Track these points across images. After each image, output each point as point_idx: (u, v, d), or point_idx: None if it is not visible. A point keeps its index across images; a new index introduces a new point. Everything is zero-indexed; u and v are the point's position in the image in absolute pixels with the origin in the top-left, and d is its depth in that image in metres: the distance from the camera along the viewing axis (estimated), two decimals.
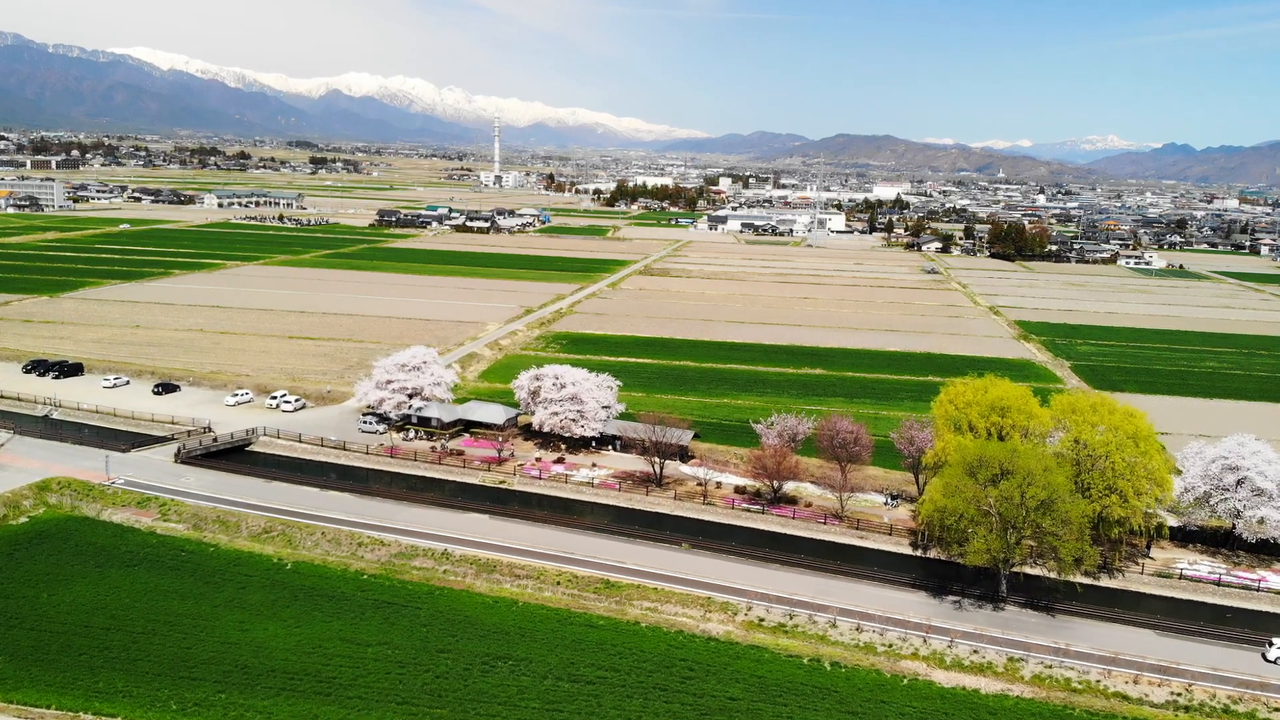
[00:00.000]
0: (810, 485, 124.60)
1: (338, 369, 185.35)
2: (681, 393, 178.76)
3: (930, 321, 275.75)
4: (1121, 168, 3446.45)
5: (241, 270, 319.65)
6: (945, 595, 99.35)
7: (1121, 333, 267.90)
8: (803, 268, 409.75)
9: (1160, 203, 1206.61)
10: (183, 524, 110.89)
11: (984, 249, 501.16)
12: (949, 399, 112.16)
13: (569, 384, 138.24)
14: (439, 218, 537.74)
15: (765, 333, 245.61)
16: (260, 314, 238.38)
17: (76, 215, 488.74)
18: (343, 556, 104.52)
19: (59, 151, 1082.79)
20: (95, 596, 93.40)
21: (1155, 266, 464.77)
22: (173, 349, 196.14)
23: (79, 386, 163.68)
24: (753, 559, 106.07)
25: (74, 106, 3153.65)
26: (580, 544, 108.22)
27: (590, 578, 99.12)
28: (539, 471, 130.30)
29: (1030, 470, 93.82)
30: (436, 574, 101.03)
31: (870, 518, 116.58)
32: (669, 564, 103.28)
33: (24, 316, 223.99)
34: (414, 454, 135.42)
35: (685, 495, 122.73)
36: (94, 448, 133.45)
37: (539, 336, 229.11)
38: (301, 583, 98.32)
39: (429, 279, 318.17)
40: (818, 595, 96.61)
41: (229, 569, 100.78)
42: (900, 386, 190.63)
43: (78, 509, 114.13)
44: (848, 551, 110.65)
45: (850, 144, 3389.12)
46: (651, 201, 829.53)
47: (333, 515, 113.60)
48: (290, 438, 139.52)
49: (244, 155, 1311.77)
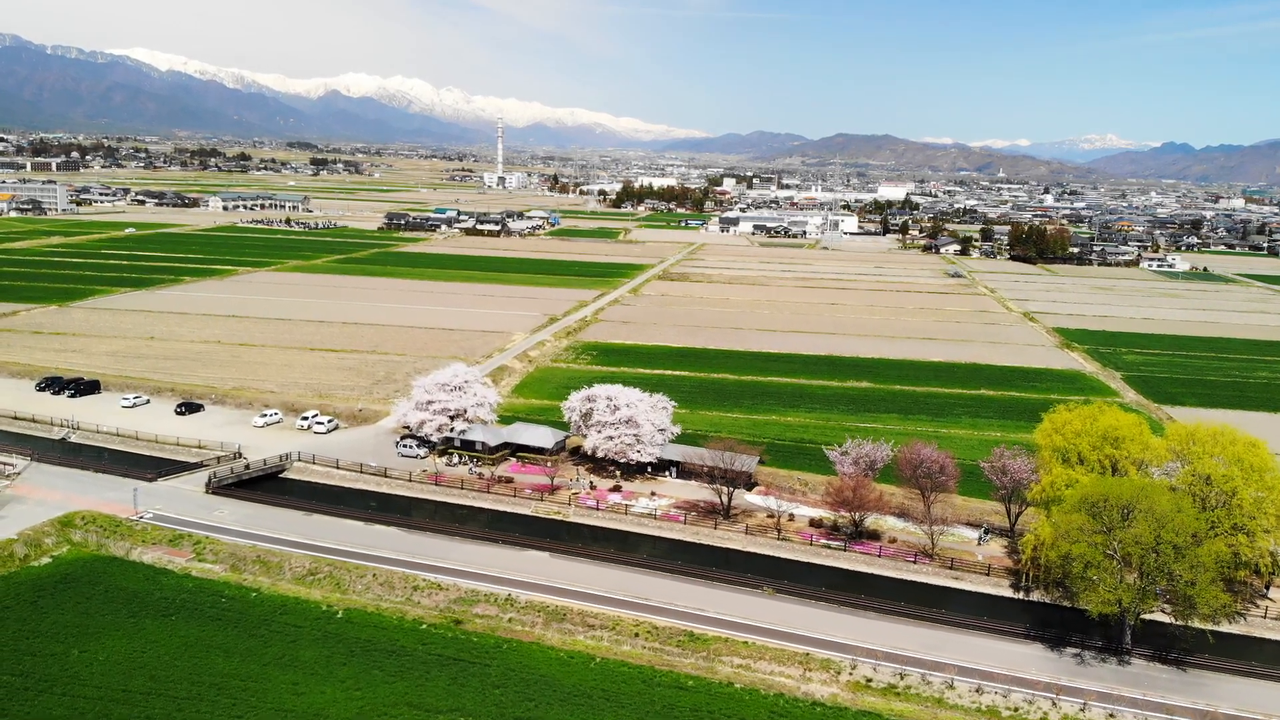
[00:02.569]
0: (892, 518, 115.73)
1: (365, 384, 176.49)
2: (725, 409, 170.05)
3: (966, 329, 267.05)
4: (1121, 167, 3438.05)
5: (254, 277, 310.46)
6: (1064, 647, 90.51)
7: (1164, 340, 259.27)
8: (823, 271, 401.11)
9: (1166, 202, 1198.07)
10: (220, 565, 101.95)
11: (1003, 251, 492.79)
12: (1054, 428, 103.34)
13: (623, 405, 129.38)
14: (448, 220, 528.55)
15: (800, 342, 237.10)
16: (278, 324, 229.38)
17: (80, 219, 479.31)
18: (397, 602, 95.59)
19: (59, 153, 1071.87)
20: (131, 652, 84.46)
21: (1178, 269, 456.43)
22: (190, 362, 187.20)
23: (96, 406, 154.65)
24: (844, 605, 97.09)
25: (72, 107, 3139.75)
26: (653, 587, 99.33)
27: (671, 629, 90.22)
28: (595, 501, 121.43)
29: (1161, 510, 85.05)
30: (502, 623, 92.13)
31: (963, 555, 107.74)
32: (754, 612, 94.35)
33: (33, 327, 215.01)
34: (460, 481, 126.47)
35: (757, 529, 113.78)
36: (118, 476, 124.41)
37: (568, 347, 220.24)
38: (356, 634, 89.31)
39: (446, 285, 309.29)
40: (926, 649, 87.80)
41: (275, 618, 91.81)
42: (954, 401, 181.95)
43: (104, 547, 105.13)
44: (942, 595, 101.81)
45: (849, 143, 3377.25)
46: (658, 203, 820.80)
47: (382, 554, 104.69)
48: (327, 463, 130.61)
49: (244, 156, 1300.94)
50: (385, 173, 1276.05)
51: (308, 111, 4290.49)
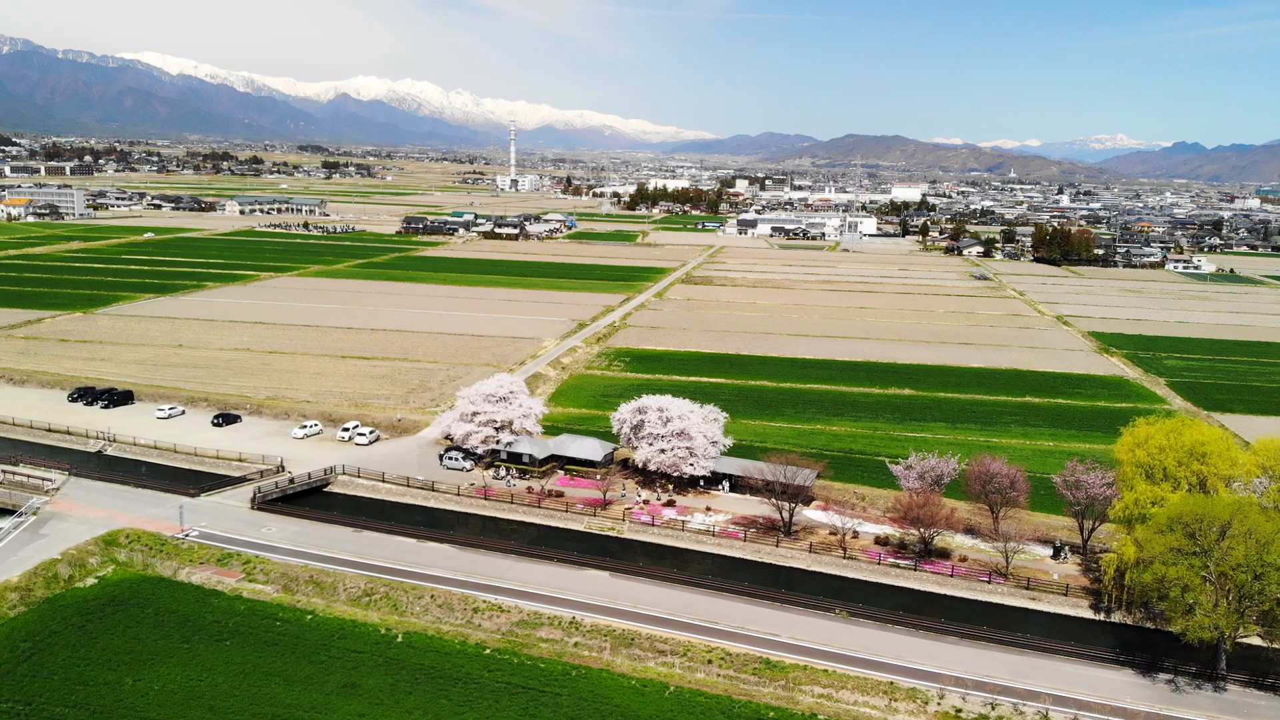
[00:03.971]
0: (960, 535, 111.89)
1: (400, 393, 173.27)
2: (767, 418, 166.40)
3: (1001, 333, 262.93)
4: (1132, 166, 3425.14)
5: (276, 282, 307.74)
6: (1155, 673, 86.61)
7: (1202, 344, 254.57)
8: (847, 274, 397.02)
9: (1182, 202, 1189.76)
10: (271, 585, 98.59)
11: (1026, 253, 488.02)
12: (1136, 442, 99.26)
13: (674, 417, 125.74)
14: (465, 224, 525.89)
15: (833, 347, 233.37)
16: (306, 330, 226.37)
17: (98, 224, 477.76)
18: (458, 625, 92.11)
19: (71, 157, 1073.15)
20: (186, 681, 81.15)
21: (1204, 271, 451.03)
22: (221, 371, 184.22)
23: (131, 417, 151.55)
24: (921, 629, 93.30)
25: (84, 111, 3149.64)
26: (721, 610, 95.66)
27: (745, 655, 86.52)
28: (650, 517, 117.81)
29: (1262, 531, 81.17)
30: (568, 648, 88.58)
31: (1038, 574, 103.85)
32: (830, 636, 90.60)
33: (59, 335, 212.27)
34: (509, 495, 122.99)
35: (820, 546, 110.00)
36: (159, 491, 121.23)
37: (600, 354, 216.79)
38: (419, 660, 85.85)
39: (470, 290, 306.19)
40: (1014, 676, 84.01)
41: (333, 642, 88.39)
42: (1001, 409, 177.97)
43: (151, 567, 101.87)
44: (1019, 616, 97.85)
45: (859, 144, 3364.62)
46: (672, 205, 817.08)
47: (437, 573, 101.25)
48: (372, 477, 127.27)
49: (256, 160, 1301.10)
50: (397, 176, 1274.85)
51: (318, 115, 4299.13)
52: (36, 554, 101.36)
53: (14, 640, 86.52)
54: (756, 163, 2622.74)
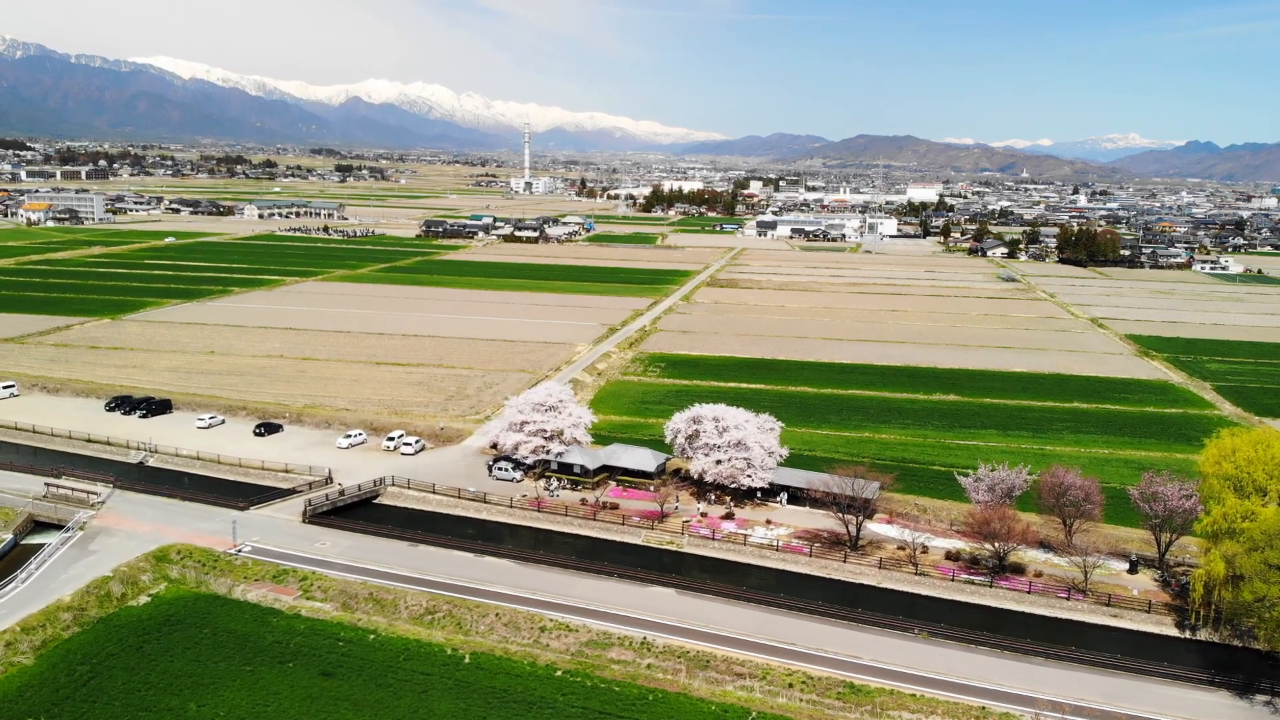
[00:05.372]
0: (1032, 549, 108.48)
1: (438, 400, 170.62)
2: (813, 425, 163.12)
3: (1037, 336, 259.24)
4: (1145, 166, 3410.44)
5: (302, 287, 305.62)
6: (1252, 694, 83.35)
7: (1242, 348, 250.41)
8: (873, 276, 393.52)
9: (1199, 202, 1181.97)
10: (330, 603, 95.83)
11: (1051, 254, 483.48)
12: (1222, 454, 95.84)
13: (731, 427, 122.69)
14: (484, 227, 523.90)
15: (870, 351, 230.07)
16: (337, 336, 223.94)
17: (118, 228, 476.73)
18: (525, 645, 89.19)
19: (86, 161, 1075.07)
20: (253, 705, 78.45)
21: (1233, 272, 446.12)
22: (256, 379, 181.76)
23: (171, 427, 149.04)
24: (1005, 649, 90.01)
25: (96, 116, 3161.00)
26: (795, 629, 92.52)
27: (828, 679, 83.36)
28: (710, 530, 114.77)
29: None
30: (641, 670, 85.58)
31: (1116, 590, 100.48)
32: (912, 658, 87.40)
33: (89, 342, 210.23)
34: (564, 508, 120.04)
35: (890, 562, 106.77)
36: (207, 505, 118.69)
37: (634, 359, 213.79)
38: (490, 683, 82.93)
39: (496, 294, 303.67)
40: (1109, 700, 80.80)
41: (399, 664, 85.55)
42: (1051, 415, 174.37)
43: (204, 585, 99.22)
44: (1101, 634, 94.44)
45: (871, 144, 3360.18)
46: (687, 206, 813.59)
47: (499, 589, 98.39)
48: (422, 488, 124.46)
49: (270, 164, 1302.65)
50: (410, 179, 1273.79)
51: (329, 118, 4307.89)
52: (87, 571, 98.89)
53: (71, 663, 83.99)
54: (768, 163, 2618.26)
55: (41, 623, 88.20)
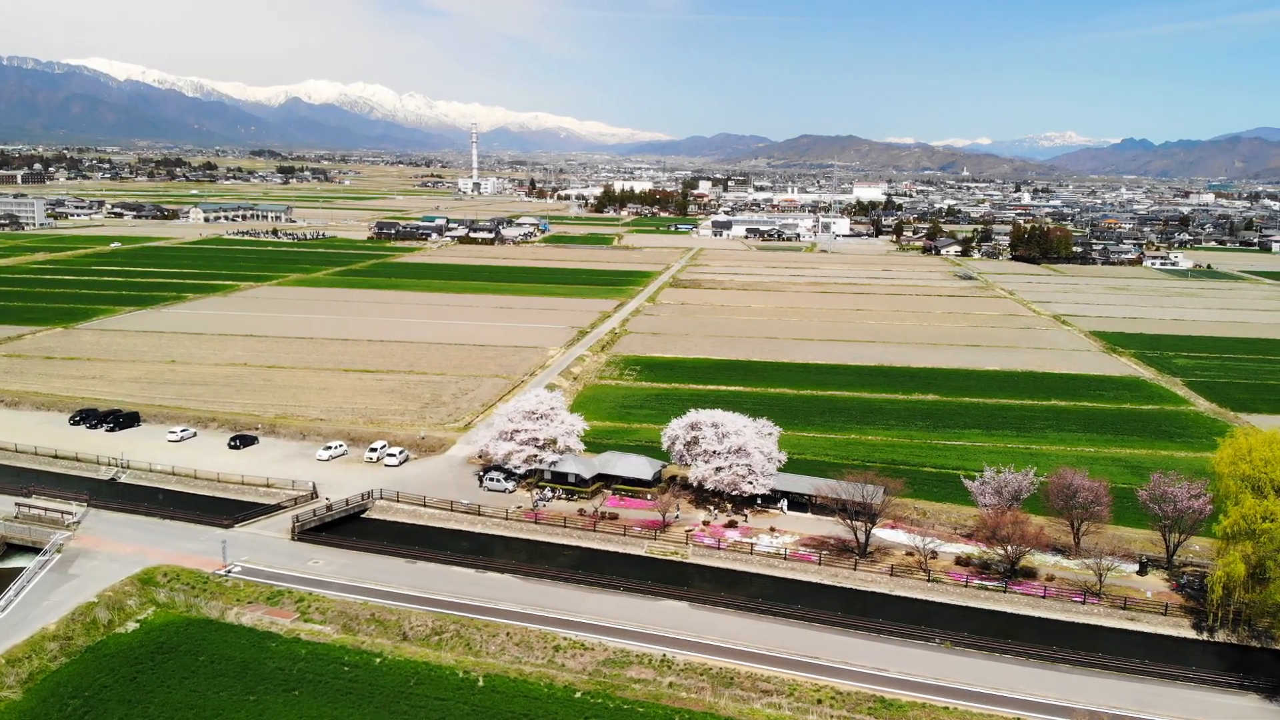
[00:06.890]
0: (1041, 553, 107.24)
1: (414, 408, 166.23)
2: (800, 428, 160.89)
3: (1003, 334, 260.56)
4: (1082, 163, 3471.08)
5: (258, 292, 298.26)
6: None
7: (1205, 343, 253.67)
8: (831, 275, 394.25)
9: (1139, 198, 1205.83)
10: (330, 625, 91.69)
11: (1004, 252, 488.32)
12: (1238, 455, 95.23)
13: (731, 433, 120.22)
14: (438, 229, 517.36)
15: (843, 351, 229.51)
16: (301, 343, 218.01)
17: (61, 234, 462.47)
18: (540, 666, 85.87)
19: (21, 165, 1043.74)
20: None
21: (1183, 267, 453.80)
22: (222, 388, 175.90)
23: (141, 440, 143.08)
24: (1029, 656, 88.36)
25: (30, 119, 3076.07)
26: (818, 642, 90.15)
27: (857, 694, 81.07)
28: (714, 540, 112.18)
29: None
30: (663, 689, 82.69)
31: (1129, 592, 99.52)
32: (939, 669, 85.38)
33: (43, 352, 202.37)
34: (563, 519, 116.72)
35: (901, 569, 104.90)
36: (188, 523, 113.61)
37: (609, 363, 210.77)
38: (508, 707, 79.53)
39: (459, 297, 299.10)
40: (1142, 707, 79.56)
41: (410, 689, 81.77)
42: (1032, 413, 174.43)
43: (195, 608, 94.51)
44: (1119, 639, 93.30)
45: (814, 145, 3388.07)
46: (640, 207, 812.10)
47: (507, 607, 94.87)
48: (412, 501, 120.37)
49: (210, 166, 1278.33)
50: (354, 180, 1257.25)
51: (269, 119, 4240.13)
52: (70, 596, 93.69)
53: (61, 697, 79.23)
54: (713, 163, 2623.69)
55: (27, 654, 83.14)
